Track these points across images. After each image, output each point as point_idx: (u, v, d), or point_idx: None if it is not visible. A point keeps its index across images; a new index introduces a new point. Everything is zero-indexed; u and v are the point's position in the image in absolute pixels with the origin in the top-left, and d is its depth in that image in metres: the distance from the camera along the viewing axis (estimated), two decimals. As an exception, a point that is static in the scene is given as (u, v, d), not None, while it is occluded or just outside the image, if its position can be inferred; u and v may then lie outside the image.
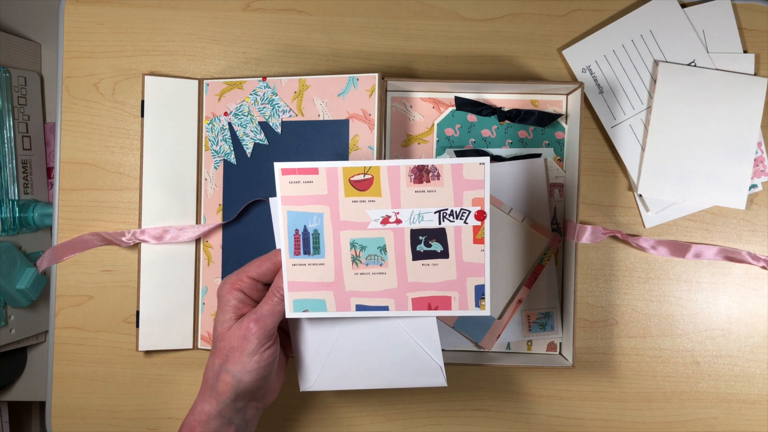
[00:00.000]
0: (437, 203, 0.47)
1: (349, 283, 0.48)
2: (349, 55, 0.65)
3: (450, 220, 0.47)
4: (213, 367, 0.49)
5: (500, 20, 0.65)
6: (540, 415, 0.65)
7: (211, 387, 0.49)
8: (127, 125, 0.66)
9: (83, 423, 0.66)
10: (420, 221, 0.47)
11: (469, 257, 0.47)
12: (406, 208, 0.47)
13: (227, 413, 0.49)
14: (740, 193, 0.62)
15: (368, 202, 0.47)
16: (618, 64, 0.64)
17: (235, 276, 0.49)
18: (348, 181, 0.47)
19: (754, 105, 0.62)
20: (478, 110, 0.63)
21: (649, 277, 0.64)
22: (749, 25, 0.64)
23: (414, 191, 0.47)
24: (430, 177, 0.47)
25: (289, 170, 0.47)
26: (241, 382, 0.48)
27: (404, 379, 0.52)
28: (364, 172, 0.47)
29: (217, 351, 0.49)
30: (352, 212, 0.47)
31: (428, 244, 0.47)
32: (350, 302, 0.48)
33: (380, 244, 0.47)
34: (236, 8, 0.66)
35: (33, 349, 1.12)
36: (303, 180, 0.47)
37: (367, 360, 0.52)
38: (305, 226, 0.48)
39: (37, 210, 1.01)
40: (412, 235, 0.47)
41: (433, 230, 0.47)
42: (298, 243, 0.48)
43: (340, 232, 0.47)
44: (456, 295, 0.48)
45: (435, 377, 0.52)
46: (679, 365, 0.64)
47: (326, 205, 0.47)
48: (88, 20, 0.66)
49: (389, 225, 0.47)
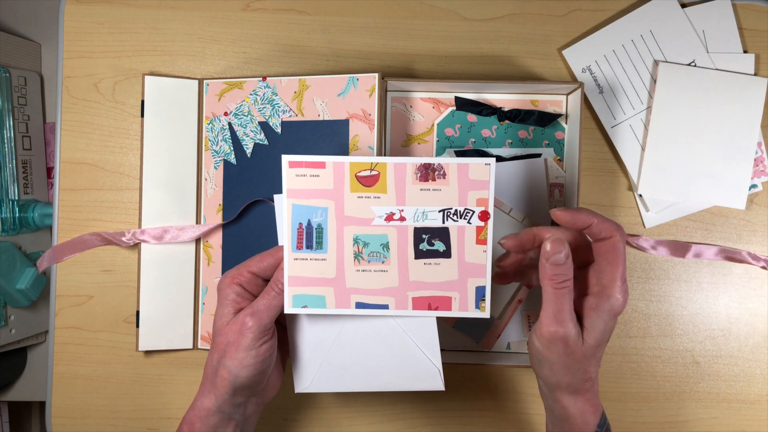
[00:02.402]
0: (442, 202, 0.47)
1: (350, 280, 0.48)
2: (349, 55, 0.65)
3: (454, 219, 0.47)
4: (212, 362, 0.49)
5: (500, 20, 0.65)
6: (540, 415, 0.65)
7: (210, 382, 0.49)
8: (127, 125, 0.66)
9: (83, 423, 0.66)
10: (424, 220, 0.47)
11: (471, 258, 0.47)
12: (410, 206, 0.47)
13: (226, 408, 0.49)
14: (740, 193, 0.62)
15: (373, 198, 0.47)
16: (618, 64, 0.64)
17: (236, 270, 0.49)
18: (354, 176, 0.47)
19: (754, 105, 0.62)
20: (478, 110, 0.63)
21: (649, 277, 0.64)
22: (749, 25, 0.64)
23: (419, 189, 0.47)
24: (436, 176, 0.46)
25: (296, 162, 0.47)
26: (238, 377, 0.47)
27: (402, 382, 0.52)
28: (371, 168, 0.47)
29: (216, 346, 0.49)
30: (357, 208, 0.47)
31: (431, 242, 0.47)
32: (350, 299, 0.48)
33: (383, 241, 0.47)
34: (236, 8, 0.66)
35: (33, 349, 1.13)
36: (310, 173, 0.47)
37: (364, 362, 0.52)
38: (309, 220, 0.47)
39: (37, 210, 1.01)
40: (416, 234, 0.47)
41: (437, 229, 0.47)
42: (301, 237, 0.48)
43: (344, 227, 0.47)
44: (456, 295, 0.48)
45: (433, 381, 0.52)
46: (679, 365, 0.64)
47: (331, 200, 0.47)
48: (88, 20, 0.66)
49: (393, 222, 0.47)
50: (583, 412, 0.48)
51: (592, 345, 0.45)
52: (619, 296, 0.45)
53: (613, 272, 0.45)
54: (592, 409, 0.48)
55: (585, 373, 0.47)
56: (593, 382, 0.48)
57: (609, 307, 0.45)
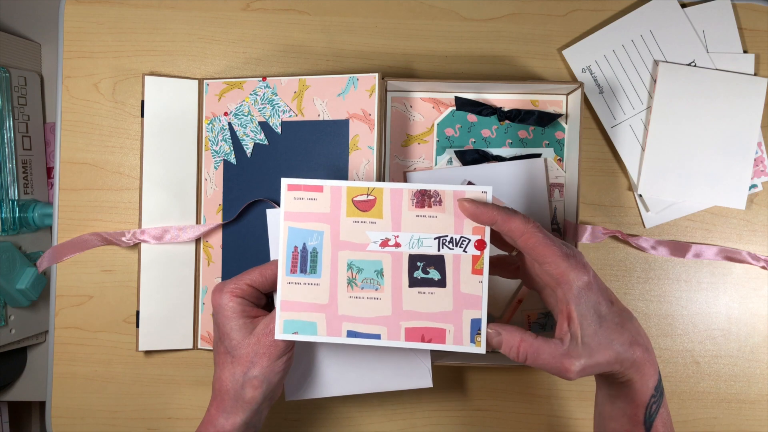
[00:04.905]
0: (437, 229, 0.46)
1: (343, 307, 0.47)
2: (349, 55, 0.65)
3: (449, 247, 0.46)
4: (234, 377, 0.47)
5: (500, 20, 0.65)
6: (540, 415, 0.65)
7: (235, 398, 0.48)
8: (127, 125, 0.66)
9: (83, 423, 0.66)
10: (419, 246, 0.46)
11: (467, 288, 0.46)
12: (406, 232, 0.46)
13: (252, 420, 0.48)
14: (740, 193, 0.62)
15: (369, 223, 0.46)
16: (618, 64, 0.64)
17: (233, 284, 0.48)
18: (351, 201, 0.46)
19: (754, 105, 0.62)
20: (478, 110, 0.63)
21: (649, 277, 0.64)
22: (749, 25, 0.64)
23: (415, 215, 0.46)
24: (432, 202, 0.46)
25: (295, 186, 0.47)
26: (270, 385, 0.48)
27: (392, 382, 0.52)
28: (367, 193, 0.46)
29: (237, 360, 0.47)
30: (352, 233, 0.47)
31: (426, 270, 0.46)
32: (342, 327, 0.47)
33: (377, 268, 0.47)
34: (236, 8, 0.66)
35: (33, 349, 1.12)
36: (307, 197, 0.47)
37: (357, 365, 0.53)
38: (305, 243, 0.47)
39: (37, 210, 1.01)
40: (410, 261, 0.46)
41: (432, 257, 0.46)
42: (296, 261, 0.47)
43: (339, 252, 0.47)
44: (451, 327, 0.46)
45: (421, 379, 0.52)
46: (679, 365, 0.64)
47: (327, 224, 0.47)
48: (88, 20, 0.66)
49: (388, 248, 0.46)
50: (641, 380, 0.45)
51: (596, 328, 0.43)
52: (573, 274, 0.43)
53: (552, 262, 0.43)
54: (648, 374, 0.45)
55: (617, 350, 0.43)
56: (636, 348, 0.44)
57: (575, 290, 0.43)
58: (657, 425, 0.45)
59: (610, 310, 0.44)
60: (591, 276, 0.43)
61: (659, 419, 0.45)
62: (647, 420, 0.45)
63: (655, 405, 0.45)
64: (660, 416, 0.45)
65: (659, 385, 0.45)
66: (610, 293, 0.45)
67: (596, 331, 0.43)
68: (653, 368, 0.45)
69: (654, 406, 0.45)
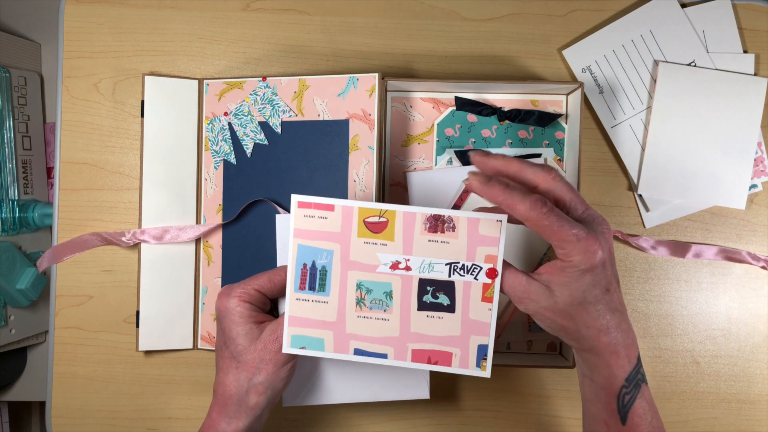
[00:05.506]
0: (449, 255, 0.46)
1: (351, 326, 0.47)
2: (349, 55, 0.65)
3: (460, 274, 0.46)
4: (238, 382, 0.47)
5: (500, 20, 0.65)
6: (540, 415, 0.65)
7: (238, 403, 0.48)
8: (127, 125, 0.66)
9: (83, 423, 0.66)
10: (430, 271, 0.46)
11: (476, 315, 0.46)
12: (417, 256, 0.46)
13: (254, 425, 0.49)
14: (740, 193, 0.62)
15: (380, 245, 0.46)
16: (618, 64, 0.64)
17: (240, 289, 0.48)
18: (362, 222, 0.46)
19: (754, 105, 0.62)
20: (478, 110, 0.63)
21: (649, 277, 0.64)
22: (749, 25, 0.64)
23: (427, 240, 0.46)
24: (445, 228, 0.46)
25: (305, 203, 0.46)
26: (275, 391, 0.48)
27: (389, 392, 0.52)
28: (379, 215, 0.46)
29: (243, 365, 0.47)
30: (362, 253, 0.46)
31: (435, 295, 0.46)
32: (349, 345, 0.47)
33: (387, 290, 0.46)
34: (236, 8, 0.66)
35: (33, 349, 1.13)
36: (318, 215, 0.46)
37: (356, 373, 0.53)
38: (314, 261, 0.47)
39: (37, 210, 1.01)
40: (420, 285, 0.46)
41: (442, 282, 0.46)
42: (305, 278, 0.47)
43: (348, 271, 0.47)
44: (458, 351, 0.46)
45: (418, 390, 0.53)
46: (679, 365, 0.64)
47: (338, 243, 0.46)
48: (88, 20, 0.66)
49: (398, 271, 0.46)
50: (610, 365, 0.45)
51: (568, 301, 0.43)
52: (578, 257, 0.42)
53: (558, 246, 0.43)
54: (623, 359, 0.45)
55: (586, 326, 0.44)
56: (606, 332, 0.45)
57: (576, 272, 0.43)
58: (633, 417, 0.45)
59: (599, 297, 0.44)
60: (598, 260, 0.43)
61: (635, 412, 0.45)
62: (621, 409, 0.45)
63: (628, 396, 0.45)
64: (636, 409, 0.45)
65: (633, 377, 0.45)
66: (613, 284, 0.45)
67: (570, 302, 0.44)
68: (623, 360, 0.45)
69: (627, 397, 0.45)
